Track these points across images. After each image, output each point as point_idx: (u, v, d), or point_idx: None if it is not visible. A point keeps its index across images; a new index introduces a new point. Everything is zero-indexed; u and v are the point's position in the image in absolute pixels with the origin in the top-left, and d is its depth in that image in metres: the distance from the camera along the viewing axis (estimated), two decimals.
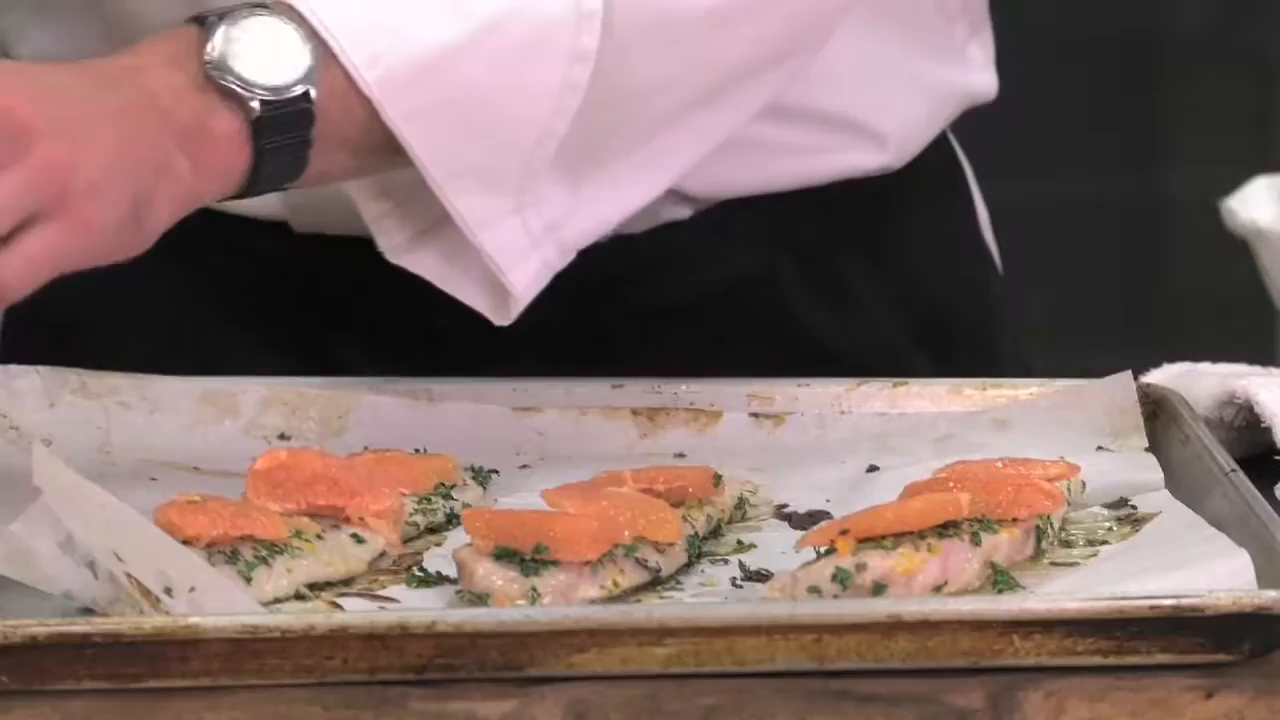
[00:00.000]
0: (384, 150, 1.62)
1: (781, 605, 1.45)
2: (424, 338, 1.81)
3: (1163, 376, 1.65)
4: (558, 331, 1.77)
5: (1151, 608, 1.40)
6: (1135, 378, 1.67)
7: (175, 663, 1.37)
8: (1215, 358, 1.68)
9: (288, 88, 1.56)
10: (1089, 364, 1.73)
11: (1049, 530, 1.52)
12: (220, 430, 1.61)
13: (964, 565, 1.48)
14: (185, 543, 1.46)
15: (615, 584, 1.47)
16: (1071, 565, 1.50)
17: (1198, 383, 1.64)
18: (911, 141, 1.97)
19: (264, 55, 1.56)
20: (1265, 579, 1.42)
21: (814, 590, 1.45)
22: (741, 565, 1.52)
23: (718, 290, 1.88)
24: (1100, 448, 1.62)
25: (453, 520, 1.54)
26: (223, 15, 1.58)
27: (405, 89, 1.60)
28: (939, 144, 2.02)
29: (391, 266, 1.66)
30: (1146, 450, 1.62)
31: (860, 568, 1.46)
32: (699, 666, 1.39)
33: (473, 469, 1.60)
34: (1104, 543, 1.52)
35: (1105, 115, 1.83)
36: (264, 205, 1.78)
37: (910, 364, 1.81)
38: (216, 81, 1.55)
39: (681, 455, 1.63)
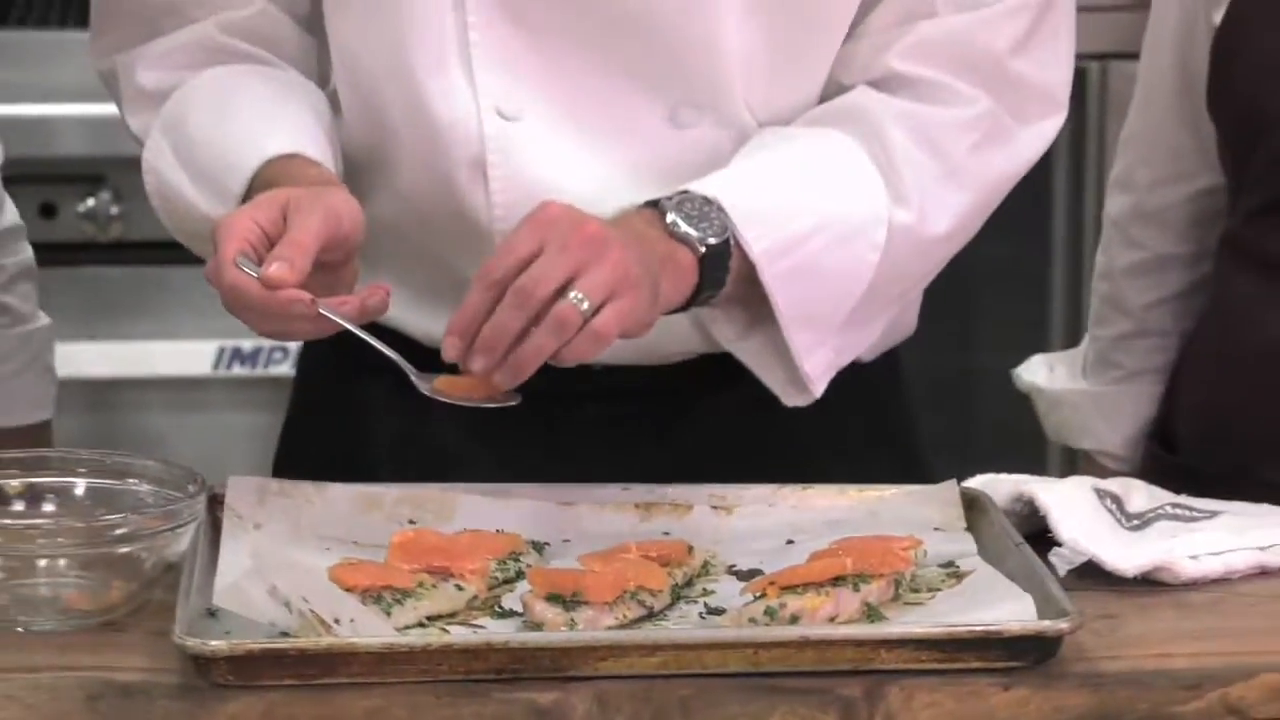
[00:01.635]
0: (749, 290, 1.59)
1: (731, 631, 1.44)
2: (512, 465, 1.72)
3: (975, 483, 1.64)
4: (583, 453, 1.72)
5: (970, 632, 1.40)
6: (958, 484, 1.65)
7: (340, 668, 1.36)
8: (1010, 469, 1.67)
9: (719, 242, 1.53)
10: (934, 474, 1.72)
11: (904, 581, 1.50)
12: (369, 518, 1.59)
13: (849, 604, 1.46)
14: (347, 590, 1.45)
15: (624, 616, 1.45)
16: (918, 604, 1.49)
17: (998, 487, 1.63)
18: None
19: (701, 222, 1.54)
20: (1042, 614, 1.41)
21: (753, 620, 1.44)
22: (705, 605, 1.50)
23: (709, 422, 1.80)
24: (936, 529, 1.60)
25: (520, 576, 1.52)
26: (671, 199, 1.55)
27: (775, 254, 1.56)
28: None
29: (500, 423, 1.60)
30: (965, 530, 1.60)
31: (782, 606, 1.45)
32: (678, 670, 1.38)
33: (533, 542, 1.58)
34: (939, 590, 1.51)
35: (937, 309, 1.83)
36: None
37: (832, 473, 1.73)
38: (675, 232, 1.53)
39: (667, 533, 1.61)
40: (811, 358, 1.62)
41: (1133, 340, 2.07)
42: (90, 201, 2.64)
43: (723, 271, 1.55)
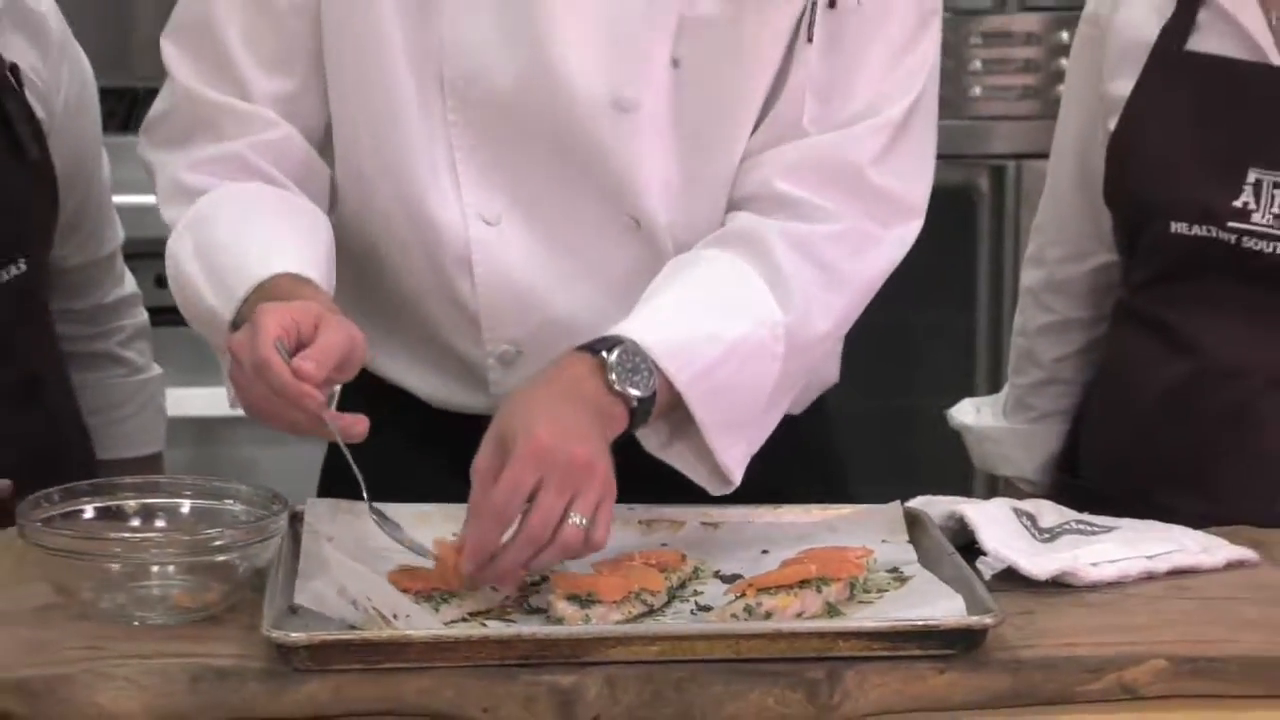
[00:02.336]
0: (673, 411, 1.55)
1: (717, 625, 1.44)
2: None
3: (916, 503, 1.64)
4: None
5: (911, 626, 1.40)
6: (902, 504, 1.65)
7: (397, 655, 1.36)
8: (944, 493, 1.67)
9: (647, 391, 1.50)
10: (859, 500, 1.71)
11: (858, 584, 1.50)
12: (420, 532, 1.56)
13: (813, 603, 1.46)
14: (403, 591, 1.45)
15: (630, 612, 1.45)
16: (869, 603, 1.48)
17: (934, 507, 1.63)
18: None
19: (635, 375, 1.50)
20: (971, 611, 1.41)
21: (735, 616, 1.44)
22: (696, 603, 1.50)
23: None
24: (884, 541, 1.59)
25: (544, 579, 1.51)
26: (611, 354, 1.50)
27: (694, 381, 1.53)
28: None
29: None
30: (908, 542, 1.60)
31: (759, 604, 1.45)
32: (674, 657, 1.38)
33: None
34: (886, 591, 1.50)
35: (885, 361, 1.80)
36: (473, 404, 1.71)
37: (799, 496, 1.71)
38: (614, 389, 1.49)
39: (664, 544, 1.60)
40: (730, 454, 1.59)
41: (1044, 387, 2.06)
42: None
43: (648, 413, 1.52)
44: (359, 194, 1.69)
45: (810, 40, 1.60)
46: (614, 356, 1.50)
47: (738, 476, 1.61)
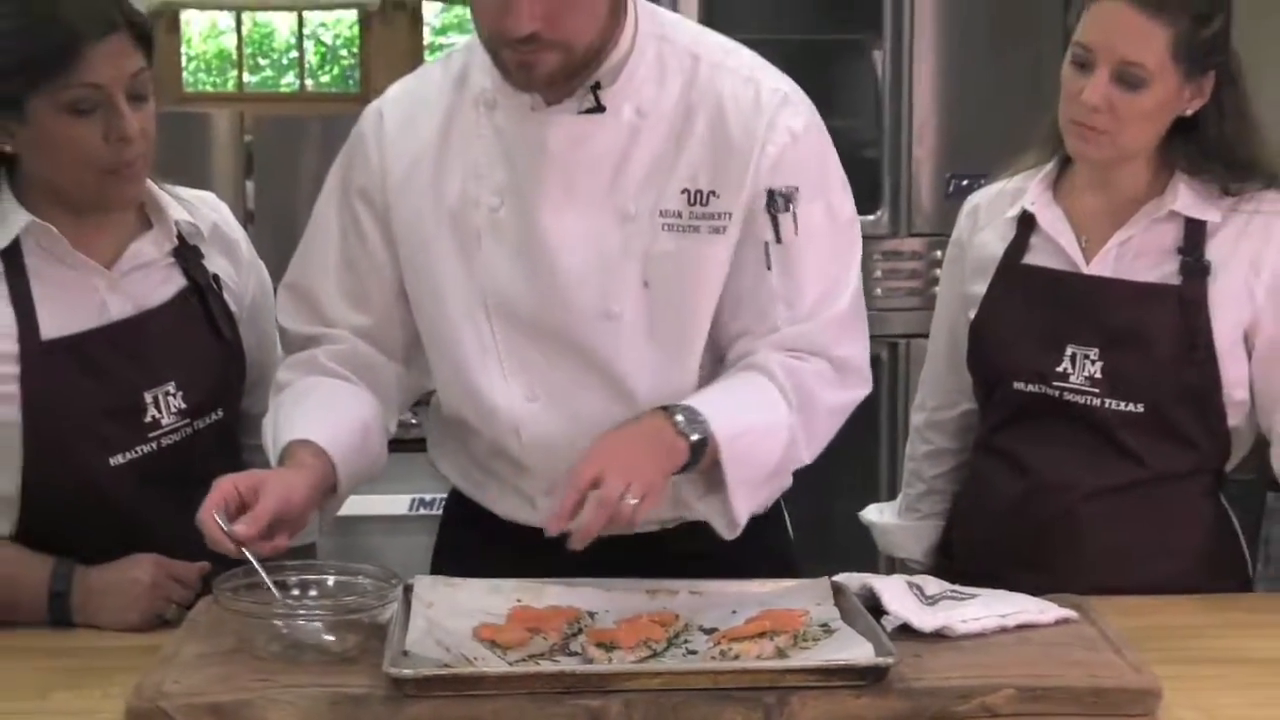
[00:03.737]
0: (711, 469, 1.51)
1: (701, 664, 1.43)
2: (575, 571, 1.58)
3: (839, 578, 1.60)
4: (620, 561, 1.61)
5: (837, 664, 1.39)
6: (829, 578, 1.60)
7: (477, 686, 1.35)
8: (858, 570, 1.63)
9: (702, 438, 1.47)
10: (803, 574, 1.65)
11: (799, 635, 1.47)
12: (494, 599, 1.54)
13: (768, 648, 1.44)
14: (482, 641, 1.45)
15: (640, 655, 1.43)
16: (807, 649, 1.46)
17: (851, 580, 1.59)
18: None
19: (693, 424, 1.47)
20: (878, 654, 1.39)
21: (713, 658, 1.43)
22: (686, 648, 1.48)
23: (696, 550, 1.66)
24: (817, 604, 1.55)
25: (580, 632, 1.49)
26: (677, 410, 1.48)
27: (730, 440, 1.49)
28: None
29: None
30: (834, 605, 1.55)
31: (730, 649, 1.44)
32: (672, 687, 1.37)
33: (588, 612, 1.53)
34: (819, 640, 1.48)
35: (820, 477, 1.76)
36: (527, 519, 1.64)
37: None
38: (679, 429, 1.47)
39: (664, 607, 1.55)
40: (740, 507, 1.55)
41: (926, 496, 2.04)
42: None
43: (701, 456, 1.49)
44: (442, 384, 1.67)
45: (769, 268, 1.57)
46: (680, 415, 1.48)
47: (742, 524, 1.57)
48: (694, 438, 1.48)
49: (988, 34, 2.50)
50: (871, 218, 3.04)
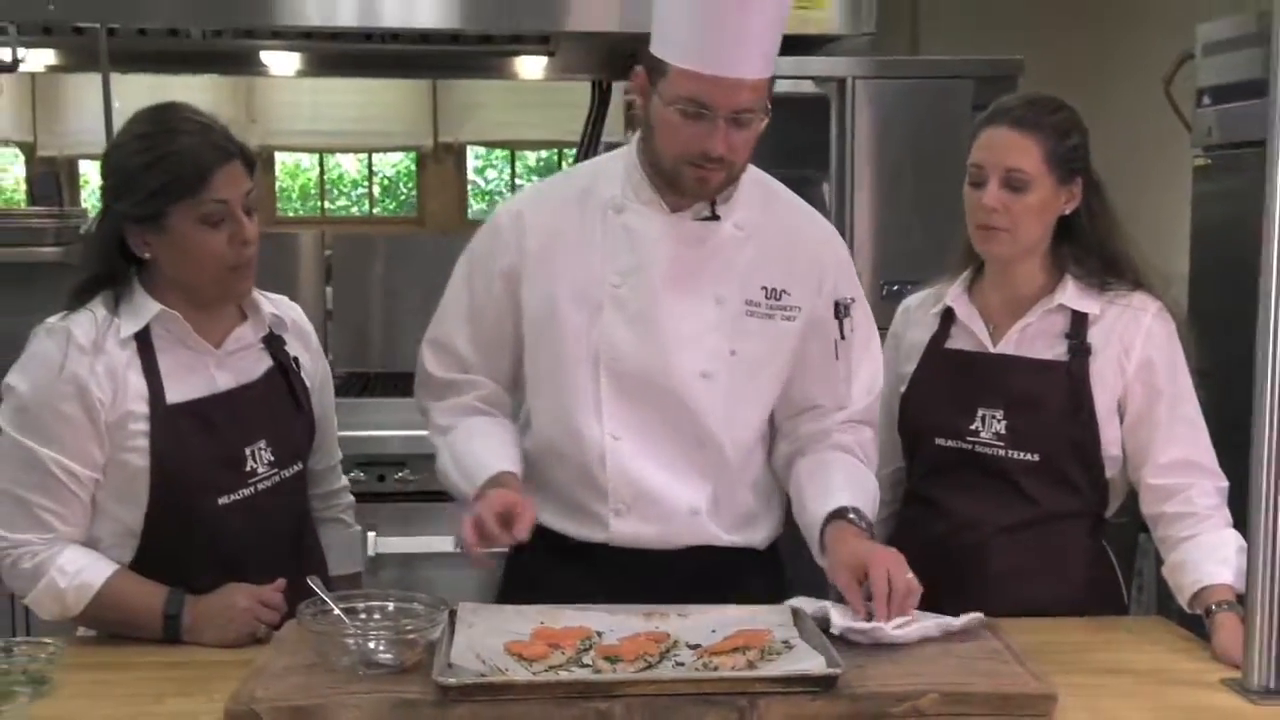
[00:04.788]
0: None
1: (688, 674, 1.41)
2: (586, 599, 1.60)
3: (795, 602, 1.57)
4: (625, 587, 1.62)
5: (796, 674, 1.38)
6: (790, 604, 1.57)
7: (507, 692, 1.34)
8: (814, 596, 1.60)
9: (870, 525, 1.61)
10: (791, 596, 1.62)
11: (766, 649, 1.46)
12: (524, 621, 1.52)
13: (741, 661, 1.43)
14: (512, 655, 1.43)
15: (639, 667, 1.42)
16: (772, 661, 1.44)
17: (807, 605, 1.56)
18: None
19: (854, 514, 1.60)
20: (828, 665, 1.38)
21: (698, 669, 1.42)
22: (676, 661, 1.46)
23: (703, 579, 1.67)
24: (780, 625, 1.53)
25: (591, 647, 1.47)
26: (849, 512, 1.59)
27: (863, 515, 1.62)
28: None
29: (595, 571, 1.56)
30: (793, 625, 1.53)
31: (711, 662, 1.43)
32: (665, 692, 1.35)
33: (597, 631, 1.51)
34: (781, 654, 1.45)
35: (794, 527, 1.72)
36: (595, 537, 1.66)
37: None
38: (852, 521, 1.59)
39: (658, 628, 1.53)
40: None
41: None
42: (399, 474, 2.44)
43: (872, 532, 1.61)
44: (541, 419, 1.68)
45: (836, 358, 1.69)
46: (850, 512, 1.60)
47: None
48: (863, 526, 1.62)
49: (913, 169, 2.58)
50: None
